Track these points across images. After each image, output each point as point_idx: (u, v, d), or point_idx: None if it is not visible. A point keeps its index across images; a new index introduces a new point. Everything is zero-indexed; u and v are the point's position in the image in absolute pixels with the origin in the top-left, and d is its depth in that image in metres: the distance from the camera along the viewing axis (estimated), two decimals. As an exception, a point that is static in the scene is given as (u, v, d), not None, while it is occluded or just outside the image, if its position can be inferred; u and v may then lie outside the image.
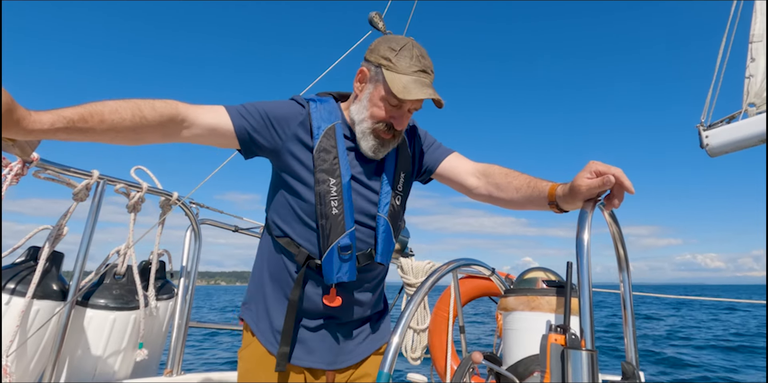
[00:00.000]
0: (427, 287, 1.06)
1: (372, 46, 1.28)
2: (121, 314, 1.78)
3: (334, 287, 1.25)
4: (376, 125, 1.24)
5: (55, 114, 0.88)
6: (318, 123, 1.26)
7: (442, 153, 1.45)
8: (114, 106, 0.99)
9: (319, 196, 1.22)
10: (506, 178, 1.30)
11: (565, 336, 0.80)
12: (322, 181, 1.22)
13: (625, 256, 1.01)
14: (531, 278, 1.04)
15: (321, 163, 1.23)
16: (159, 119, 1.06)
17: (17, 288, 1.52)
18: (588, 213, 0.93)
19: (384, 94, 1.22)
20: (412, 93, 1.16)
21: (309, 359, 1.27)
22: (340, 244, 1.21)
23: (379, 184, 1.31)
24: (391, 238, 1.32)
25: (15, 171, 1.42)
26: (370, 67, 1.25)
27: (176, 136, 1.14)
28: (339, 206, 1.22)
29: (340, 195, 1.22)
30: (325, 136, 1.25)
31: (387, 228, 1.30)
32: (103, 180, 1.75)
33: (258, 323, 1.31)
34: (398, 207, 1.33)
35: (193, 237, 2.26)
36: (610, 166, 1.01)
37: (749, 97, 2.37)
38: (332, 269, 1.21)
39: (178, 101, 1.12)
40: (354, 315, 1.32)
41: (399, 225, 1.36)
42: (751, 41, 2.45)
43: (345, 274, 1.23)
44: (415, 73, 1.19)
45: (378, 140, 1.25)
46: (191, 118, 1.13)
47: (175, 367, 2.02)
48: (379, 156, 1.28)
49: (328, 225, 1.21)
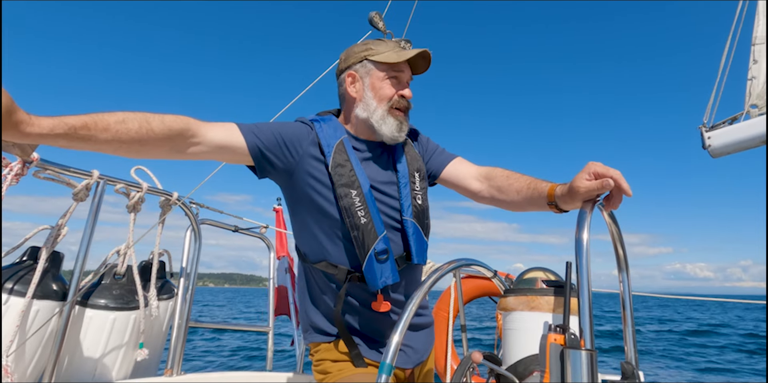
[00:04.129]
0: (427, 286, 1.06)
1: (343, 56, 1.38)
2: (121, 314, 1.78)
3: (380, 293, 1.26)
4: (389, 104, 1.30)
5: (57, 119, 0.87)
6: (327, 140, 1.28)
7: (446, 158, 1.47)
8: (121, 117, 0.97)
9: (345, 210, 1.23)
10: (507, 180, 1.32)
11: (565, 336, 0.80)
12: (344, 195, 1.23)
13: (624, 257, 1.01)
14: (530, 278, 1.04)
15: (339, 178, 1.24)
16: (167, 133, 1.04)
17: (17, 289, 1.52)
18: (587, 214, 0.93)
19: (381, 74, 1.31)
20: (405, 54, 1.28)
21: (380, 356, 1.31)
22: (376, 250, 1.23)
23: (397, 188, 1.34)
24: (422, 238, 1.35)
25: (15, 171, 1.42)
26: (356, 67, 1.33)
27: (184, 152, 1.12)
28: (366, 215, 1.23)
29: (364, 204, 1.24)
30: (337, 151, 1.27)
31: (416, 229, 1.32)
32: (103, 180, 1.75)
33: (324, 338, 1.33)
34: (421, 207, 1.35)
35: (193, 237, 2.26)
36: (609, 167, 1.01)
37: (751, 98, 2.38)
38: (375, 275, 1.23)
39: (190, 117, 1.11)
40: None
41: (426, 223, 1.38)
42: (754, 43, 2.46)
43: (389, 277, 1.24)
44: (396, 46, 1.32)
45: (397, 119, 1.31)
46: (201, 133, 1.12)
47: (175, 367, 2.02)
48: (402, 136, 1.33)
49: (361, 235, 1.22)
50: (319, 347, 1.33)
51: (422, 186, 1.38)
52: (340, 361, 1.28)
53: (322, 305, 1.33)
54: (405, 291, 1.34)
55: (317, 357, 1.32)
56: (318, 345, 1.33)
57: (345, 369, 1.25)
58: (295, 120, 1.37)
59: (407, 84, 1.35)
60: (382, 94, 1.30)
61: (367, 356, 1.28)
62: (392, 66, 1.31)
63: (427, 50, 1.29)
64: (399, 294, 1.32)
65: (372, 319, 1.30)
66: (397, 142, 1.34)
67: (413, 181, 1.35)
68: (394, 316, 1.31)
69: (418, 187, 1.36)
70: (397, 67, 1.32)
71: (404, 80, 1.33)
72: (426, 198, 1.39)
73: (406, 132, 1.34)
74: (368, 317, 1.30)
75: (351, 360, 1.26)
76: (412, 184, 1.35)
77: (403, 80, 1.33)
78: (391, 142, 1.33)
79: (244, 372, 2.17)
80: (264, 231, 2.86)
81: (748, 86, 2.42)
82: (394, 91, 1.31)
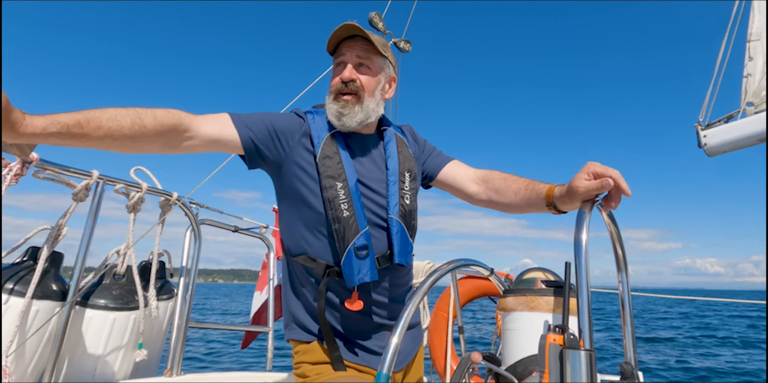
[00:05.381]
0: (427, 287, 1.06)
1: None
2: (120, 314, 1.78)
3: (356, 290, 1.23)
4: (333, 90, 1.30)
5: (50, 118, 0.88)
6: (317, 132, 1.28)
7: (442, 160, 1.46)
8: (113, 114, 0.98)
9: (328, 202, 1.21)
10: (505, 182, 1.31)
11: (564, 336, 0.80)
12: (329, 186, 1.21)
13: (623, 257, 1.01)
14: (530, 278, 1.04)
15: (325, 170, 1.23)
16: (159, 128, 1.04)
17: (17, 289, 1.52)
18: (586, 214, 0.93)
19: (334, 65, 1.33)
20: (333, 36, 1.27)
21: (361, 360, 1.27)
22: (356, 245, 1.21)
23: (385, 186, 1.32)
24: (407, 238, 1.32)
25: (14, 171, 1.42)
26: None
27: (177, 147, 1.12)
28: (349, 208, 1.21)
29: (348, 197, 1.22)
30: (326, 143, 1.26)
31: (401, 228, 1.29)
32: (102, 180, 1.75)
33: (304, 336, 1.30)
34: (408, 207, 1.32)
35: (193, 237, 2.26)
36: (608, 167, 1.01)
37: (747, 96, 2.37)
38: (352, 271, 1.20)
39: (182, 111, 1.11)
40: (387, 318, 1.31)
41: (413, 224, 1.35)
42: (749, 40, 2.45)
43: (366, 274, 1.21)
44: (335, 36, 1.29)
45: (338, 104, 1.28)
46: (194, 128, 1.12)
47: (174, 367, 2.02)
48: (345, 121, 1.27)
49: (342, 228, 1.20)
50: (298, 348, 1.30)
51: (412, 186, 1.35)
52: (319, 364, 1.25)
53: (303, 300, 1.30)
54: (386, 292, 1.31)
55: (296, 359, 1.29)
56: (297, 344, 1.31)
57: (324, 373, 1.23)
58: (290, 111, 1.36)
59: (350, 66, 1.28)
60: (330, 84, 1.32)
61: (347, 358, 1.25)
62: (334, 53, 1.32)
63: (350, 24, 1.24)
64: (379, 295, 1.29)
65: (348, 318, 1.27)
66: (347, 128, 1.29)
67: (402, 180, 1.32)
68: (372, 317, 1.29)
69: (408, 187, 1.33)
70: (338, 51, 1.30)
71: (346, 62, 1.29)
72: (415, 200, 1.36)
73: (351, 120, 1.27)
74: (345, 316, 1.27)
75: (330, 363, 1.23)
76: (402, 183, 1.32)
77: (346, 62, 1.29)
78: (342, 129, 1.29)
79: (244, 372, 2.17)
80: (264, 231, 2.86)
81: (744, 84, 2.41)
82: (336, 80, 1.29)
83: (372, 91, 1.30)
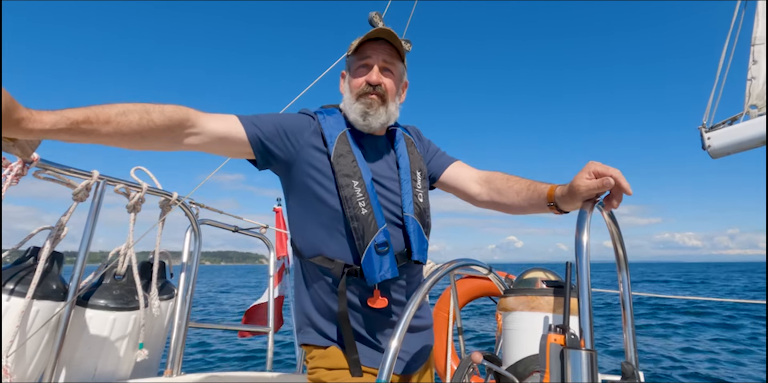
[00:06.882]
0: (426, 287, 1.06)
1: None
2: (121, 314, 1.78)
3: (378, 288, 1.23)
4: (357, 92, 1.29)
5: (59, 114, 0.87)
6: (329, 131, 1.27)
7: (445, 161, 1.47)
8: (121, 109, 0.97)
9: (345, 200, 1.21)
10: (507, 182, 1.32)
11: (565, 336, 0.80)
12: (345, 184, 1.21)
13: (624, 256, 1.01)
14: (530, 278, 1.04)
15: (341, 168, 1.22)
16: (167, 123, 1.04)
17: (17, 289, 1.52)
18: (587, 214, 0.93)
19: (354, 66, 1.31)
20: (366, 37, 1.26)
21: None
22: (376, 242, 1.20)
23: (398, 184, 1.32)
24: (423, 236, 1.32)
25: (15, 171, 1.42)
26: (346, 66, 1.37)
27: (184, 143, 1.11)
28: (367, 206, 1.21)
29: (365, 195, 1.21)
30: (339, 141, 1.26)
31: (417, 226, 1.30)
32: (103, 180, 1.75)
33: (320, 340, 1.28)
34: (422, 205, 1.33)
35: (193, 237, 2.26)
36: (609, 167, 1.01)
37: (751, 98, 2.38)
38: (373, 268, 1.19)
39: (190, 107, 1.10)
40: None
41: (427, 222, 1.36)
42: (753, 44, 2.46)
43: (387, 271, 1.20)
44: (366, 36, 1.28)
45: (364, 104, 1.28)
46: (201, 124, 1.11)
47: (175, 367, 2.02)
48: (371, 121, 1.29)
49: (361, 226, 1.20)
50: (313, 353, 1.28)
51: (423, 185, 1.36)
52: (336, 369, 1.23)
53: (318, 302, 1.28)
54: (404, 290, 1.31)
55: (312, 364, 1.28)
56: (312, 349, 1.28)
57: (340, 378, 1.21)
58: (298, 111, 1.36)
59: (377, 69, 1.29)
60: (352, 84, 1.31)
61: (364, 363, 1.23)
62: (358, 55, 1.30)
63: (383, 28, 1.25)
64: (398, 294, 1.29)
65: (369, 319, 1.26)
66: (371, 128, 1.30)
67: (415, 180, 1.34)
68: (393, 316, 1.27)
69: (420, 186, 1.34)
70: (363, 53, 1.29)
71: (372, 65, 1.29)
72: (427, 198, 1.37)
73: (376, 120, 1.29)
74: (365, 316, 1.25)
75: (348, 368, 1.21)
76: (414, 181, 1.33)
77: (371, 65, 1.29)
78: (365, 129, 1.30)
79: (244, 372, 2.17)
80: (264, 231, 2.86)
81: (748, 86, 2.42)
82: (362, 80, 1.29)
83: (393, 96, 1.33)
